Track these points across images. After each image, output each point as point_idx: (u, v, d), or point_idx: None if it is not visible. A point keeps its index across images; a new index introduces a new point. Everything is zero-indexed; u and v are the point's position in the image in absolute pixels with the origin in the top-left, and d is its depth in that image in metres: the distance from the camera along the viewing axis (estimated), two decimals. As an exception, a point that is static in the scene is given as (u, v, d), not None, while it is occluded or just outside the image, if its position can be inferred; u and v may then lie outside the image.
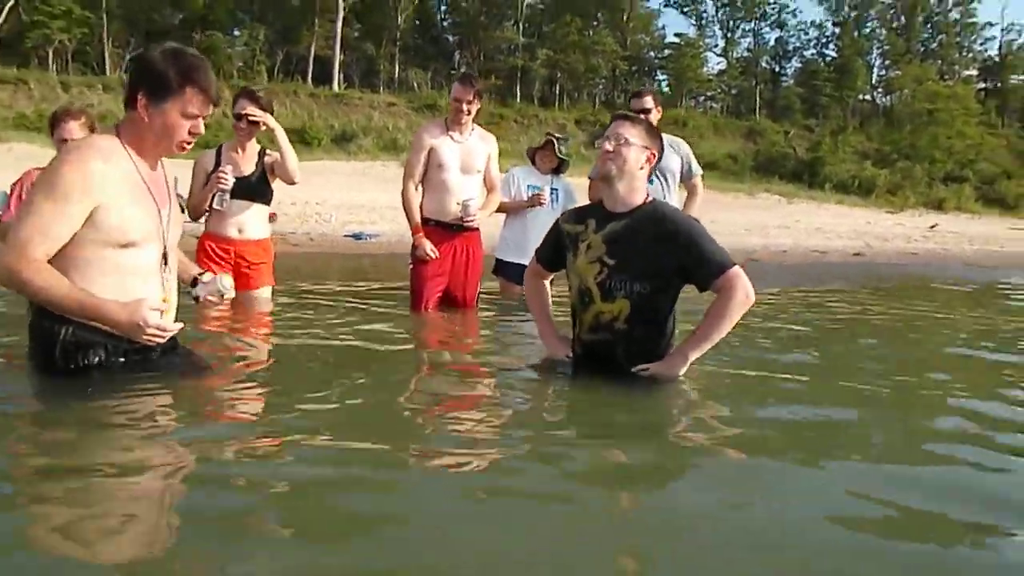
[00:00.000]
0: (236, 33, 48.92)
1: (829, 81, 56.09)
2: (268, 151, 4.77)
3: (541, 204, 5.73)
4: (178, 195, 4.36)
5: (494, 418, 2.61)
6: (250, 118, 4.51)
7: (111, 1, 45.03)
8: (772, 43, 62.92)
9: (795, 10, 65.26)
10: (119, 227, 2.34)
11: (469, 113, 4.85)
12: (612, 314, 2.99)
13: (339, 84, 46.02)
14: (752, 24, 61.93)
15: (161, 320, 2.38)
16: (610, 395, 2.88)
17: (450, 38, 57.27)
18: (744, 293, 2.88)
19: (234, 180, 4.48)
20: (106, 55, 44.67)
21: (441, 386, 3.11)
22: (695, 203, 5.69)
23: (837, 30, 61.35)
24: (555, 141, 5.94)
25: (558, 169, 6.00)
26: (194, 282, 2.91)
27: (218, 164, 4.54)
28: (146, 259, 2.46)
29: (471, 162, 4.96)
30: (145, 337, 2.35)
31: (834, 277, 8.63)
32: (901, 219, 28.55)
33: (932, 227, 23.56)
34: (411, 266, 5.04)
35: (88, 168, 2.29)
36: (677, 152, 5.54)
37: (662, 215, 3.02)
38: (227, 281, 2.89)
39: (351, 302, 5.26)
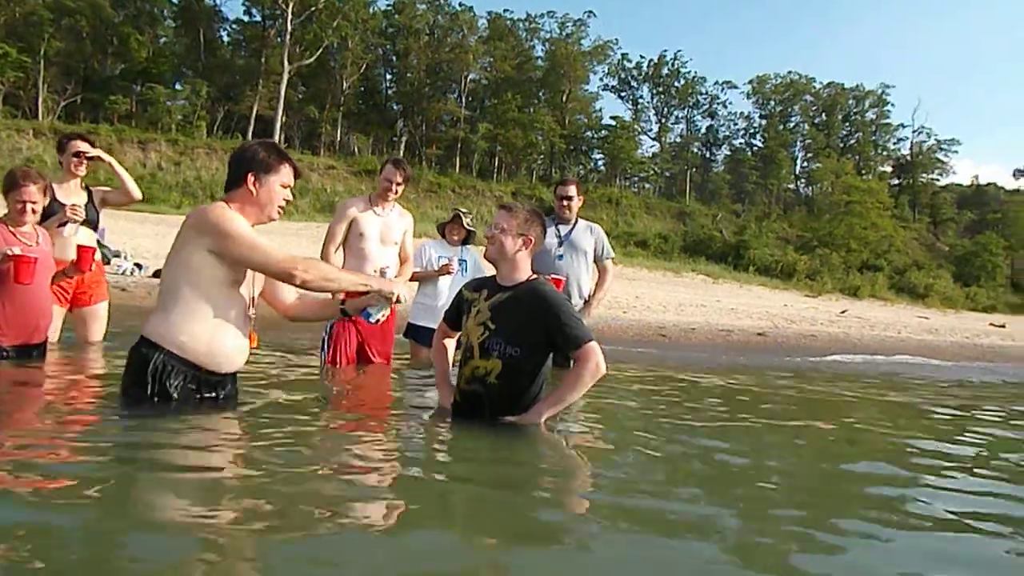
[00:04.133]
0: (178, 87, 48.94)
1: (755, 169, 59.14)
2: (92, 187, 5.38)
3: (450, 272, 6.06)
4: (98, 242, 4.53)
5: (377, 457, 2.87)
6: (87, 155, 5.13)
7: (50, 47, 44.68)
8: (703, 131, 66.30)
9: (725, 101, 68.80)
10: (230, 268, 3.02)
11: (396, 193, 5.30)
12: (486, 370, 3.40)
13: (280, 144, 46.20)
14: (685, 111, 65.15)
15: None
16: (473, 443, 3.17)
17: (394, 106, 58.39)
18: (595, 364, 3.32)
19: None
20: (40, 100, 44.03)
21: (340, 430, 3.39)
22: (605, 283, 6.12)
23: (764, 122, 64.98)
24: (461, 215, 6.31)
25: (466, 240, 6.35)
26: (343, 301, 3.54)
27: (54, 197, 4.85)
28: (241, 301, 3.12)
29: (389, 235, 5.36)
30: (387, 295, 3.34)
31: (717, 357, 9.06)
32: (817, 303, 29.89)
33: (842, 312, 24.78)
34: (328, 324, 5.25)
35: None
36: (592, 235, 5.98)
37: (538, 292, 3.43)
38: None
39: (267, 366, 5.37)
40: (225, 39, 54.48)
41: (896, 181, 65.66)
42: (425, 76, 55.82)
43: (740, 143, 66.04)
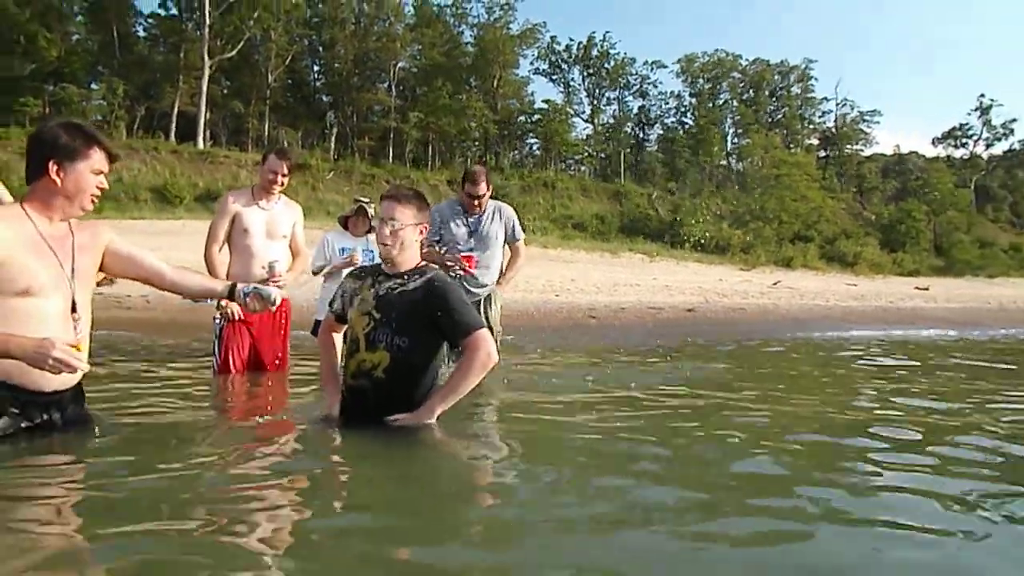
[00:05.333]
0: (94, 87, 47.00)
1: (688, 147, 59.75)
2: None
3: (355, 264, 5.86)
4: None
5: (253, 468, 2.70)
6: None
7: (-48, 48, 42.42)
8: (635, 111, 66.68)
9: (656, 81, 69.27)
10: (12, 279, 2.56)
11: (282, 184, 5.03)
12: (372, 363, 3.21)
13: (204, 141, 44.93)
14: (616, 93, 65.44)
15: (68, 353, 2.52)
16: (362, 447, 2.99)
17: (323, 98, 57.23)
18: (486, 353, 3.17)
19: None
20: (-56, 105, 41.76)
21: (225, 441, 3.19)
22: (517, 263, 5.99)
23: (694, 101, 65.74)
24: (366, 207, 6.12)
25: (370, 230, 6.16)
26: (232, 290, 3.19)
27: None
28: (49, 307, 2.65)
29: (277, 229, 5.09)
30: (50, 363, 2.49)
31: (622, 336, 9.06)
32: (751, 276, 30.46)
33: (774, 284, 25.28)
34: (217, 327, 5.00)
35: None
36: (502, 219, 5.80)
37: (426, 277, 3.27)
38: (275, 292, 3.20)
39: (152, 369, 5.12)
40: (141, 34, 52.39)
41: (823, 153, 67.33)
42: (353, 66, 54.73)
43: (672, 122, 66.67)
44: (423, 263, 3.40)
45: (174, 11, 50.29)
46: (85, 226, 2.91)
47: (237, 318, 4.91)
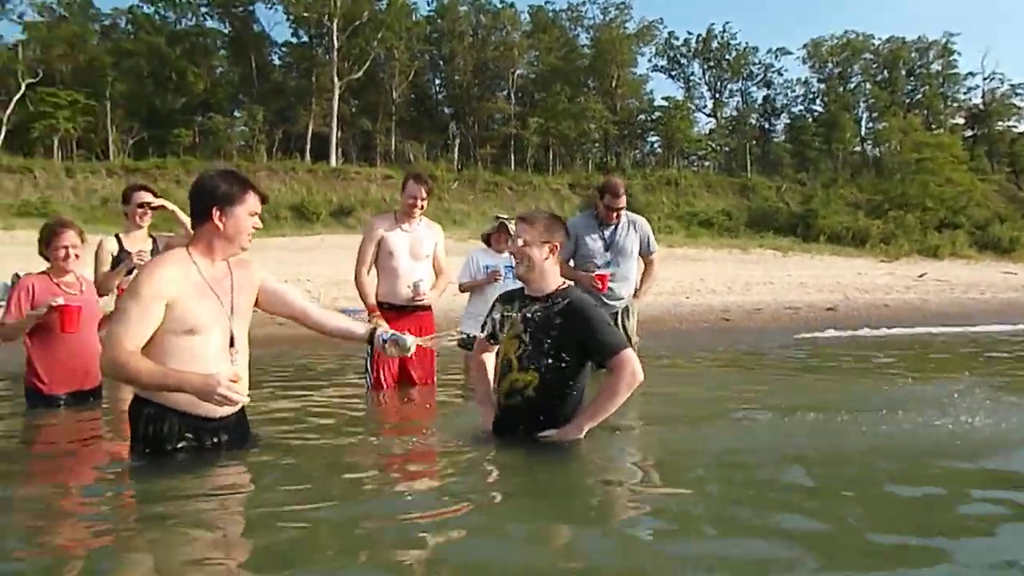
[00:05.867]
0: (236, 115, 50.48)
1: (817, 136, 57.17)
2: (156, 235, 5.32)
3: (497, 280, 6.09)
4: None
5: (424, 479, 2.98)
6: (151, 205, 5.16)
7: (114, 90, 46.63)
8: (760, 101, 64.43)
9: (780, 69, 66.72)
10: (179, 319, 2.84)
11: (422, 208, 5.30)
12: (524, 383, 3.40)
13: (336, 159, 47.23)
14: (739, 84, 63.48)
15: (231, 389, 2.82)
16: (513, 462, 3.18)
17: (445, 110, 58.78)
18: (631, 373, 3.29)
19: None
20: (110, 141, 46.01)
21: (384, 453, 3.47)
22: (651, 276, 6.02)
23: (822, 86, 62.81)
24: (506, 224, 6.32)
25: (514, 247, 6.36)
26: (372, 334, 3.34)
27: (121, 247, 5.03)
28: (211, 344, 2.94)
29: (420, 249, 5.36)
30: (217, 397, 2.80)
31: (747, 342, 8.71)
32: (894, 268, 28.84)
33: (920, 276, 23.82)
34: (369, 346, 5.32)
35: (159, 273, 2.87)
36: (637, 232, 5.86)
37: (568, 301, 3.42)
38: (410, 340, 3.29)
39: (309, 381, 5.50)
40: (276, 63, 55.80)
41: (970, 133, 62.54)
42: (473, 77, 55.98)
43: (799, 110, 63.92)
44: (565, 285, 3.53)
45: (305, 38, 53.22)
46: (242, 265, 3.16)
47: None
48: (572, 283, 3.62)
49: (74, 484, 2.97)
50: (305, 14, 49.97)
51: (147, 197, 5.22)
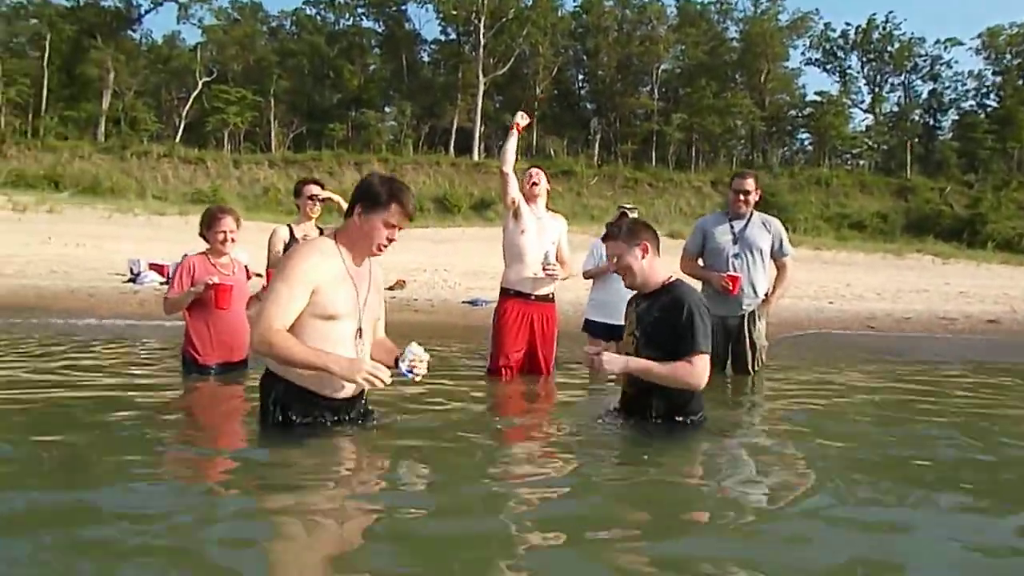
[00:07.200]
0: (387, 110, 52.80)
1: (990, 133, 52.61)
2: (323, 227, 5.50)
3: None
4: None
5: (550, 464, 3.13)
6: (319, 197, 5.44)
7: (278, 87, 49.97)
8: (925, 96, 60.08)
9: (950, 61, 61.84)
10: (322, 304, 3.06)
11: (539, 184, 5.42)
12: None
13: (479, 153, 48.35)
14: (902, 77, 59.51)
15: (377, 368, 3.03)
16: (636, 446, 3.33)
17: (587, 105, 58.76)
18: (695, 374, 3.40)
19: None
20: (272, 134, 49.38)
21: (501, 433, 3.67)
22: (784, 280, 5.80)
23: (999, 80, 57.74)
24: (627, 212, 6.34)
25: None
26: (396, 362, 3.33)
27: (292, 236, 5.34)
28: (344, 330, 3.15)
29: (545, 236, 5.43)
30: (362, 377, 3.03)
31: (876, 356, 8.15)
32: (1074, 280, 26.20)
33: (1105, 289, 21.48)
34: (494, 325, 5.46)
35: (308, 260, 3.08)
36: (768, 231, 5.69)
37: (674, 294, 3.52)
38: (415, 348, 3.28)
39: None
40: (425, 60, 57.81)
41: None
42: (616, 72, 55.66)
43: (970, 106, 59.03)
44: (672, 279, 3.58)
45: (453, 36, 54.80)
46: (381, 267, 3.38)
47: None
48: (678, 279, 3.63)
49: (212, 449, 3.30)
50: (454, 12, 51.47)
51: (315, 190, 5.52)
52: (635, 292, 3.76)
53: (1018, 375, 6.34)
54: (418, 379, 3.27)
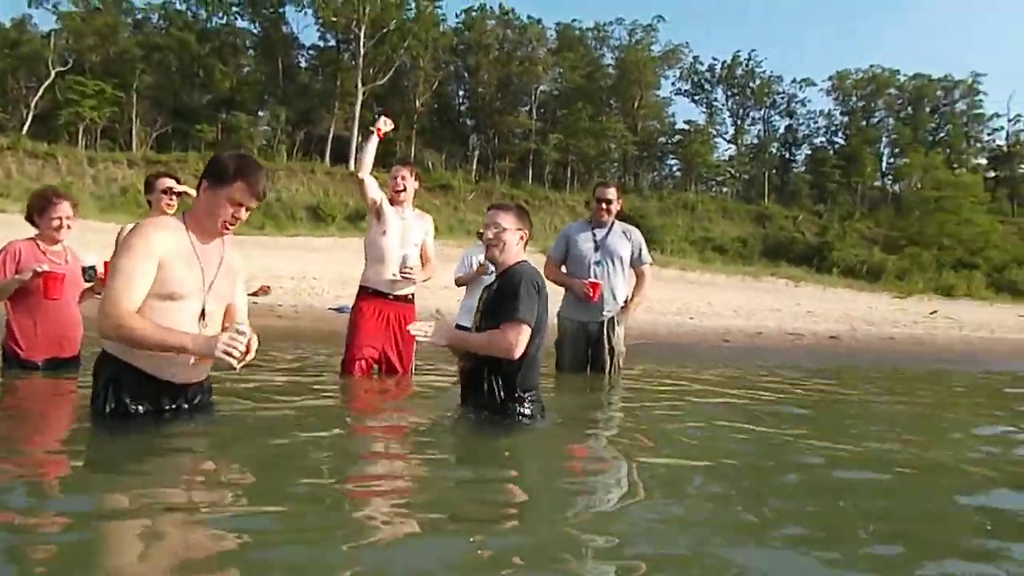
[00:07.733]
0: (260, 114, 50.96)
1: (837, 168, 57.02)
2: None
3: (485, 273, 6.13)
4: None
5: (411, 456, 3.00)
6: (175, 191, 5.09)
7: (141, 82, 47.24)
8: (782, 131, 64.44)
9: (804, 99, 66.70)
10: (163, 281, 2.87)
11: (405, 189, 5.29)
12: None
13: (356, 163, 47.49)
14: (762, 112, 63.57)
15: (234, 339, 2.83)
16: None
17: (467, 121, 59.09)
18: (509, 341, 3.38)
19: None
20: (133, 132, 46.55)
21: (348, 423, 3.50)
22: (643, 287, 5.97)
23: (845, 119, 62.72)
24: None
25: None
26: None
27: None
28: (185, 310, 2.95)
29: (409, 236, 5.32)
30: (221, 350, 2.81)
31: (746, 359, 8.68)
32: (906, 304, 28.59)
33: (931, 313, 23.62)
34: (350, 322, 5.28)
35: (154, 234, 2.90)
36: (629, 239, 5.84)
37: (513, 270, 3.55)
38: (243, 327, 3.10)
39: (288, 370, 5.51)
40: (302, 65, 56.35)
41: (992, 174, 62.17)
42: (496, 90, 56.30)
43: (821, 142, 63.88)
44: (522, 261, 3.58)
45: (332, 43, 53.76)
46: (235, 249, 3.20)
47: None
48: (527, 262, 3.65)
49: (33, 448, 2.96)
50: (334, 19, 50.50)
51: (171, 183, 5.19)
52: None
53: (849, 374, 6.82)
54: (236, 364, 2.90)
